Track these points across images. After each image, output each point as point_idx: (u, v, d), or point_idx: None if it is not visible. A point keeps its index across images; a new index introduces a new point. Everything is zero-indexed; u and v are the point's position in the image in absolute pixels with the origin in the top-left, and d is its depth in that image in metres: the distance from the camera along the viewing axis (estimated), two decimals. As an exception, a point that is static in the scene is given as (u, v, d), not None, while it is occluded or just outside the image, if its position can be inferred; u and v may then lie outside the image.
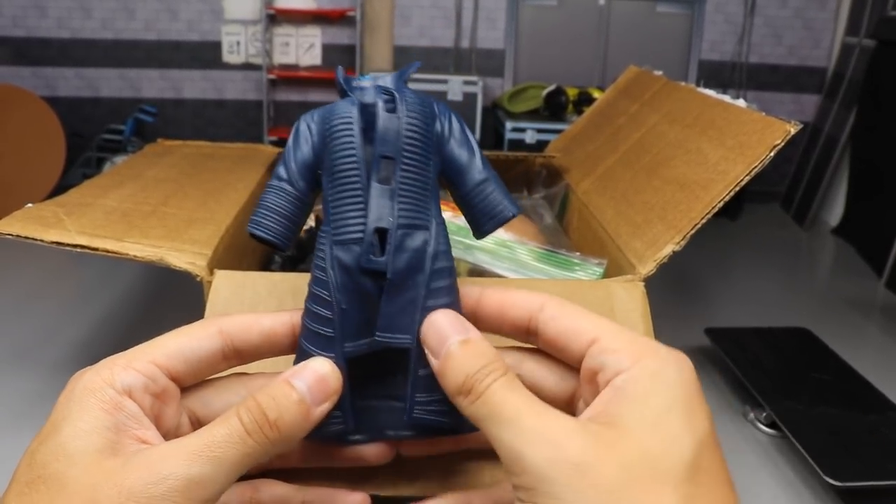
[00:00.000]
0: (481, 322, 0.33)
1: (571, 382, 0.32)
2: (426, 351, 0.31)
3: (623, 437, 0.26)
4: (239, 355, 0.33)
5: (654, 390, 0.27)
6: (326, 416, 0.31)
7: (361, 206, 0.31)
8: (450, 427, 0.33)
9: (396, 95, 0.32)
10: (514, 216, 0.34)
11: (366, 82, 0.33)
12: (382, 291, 0.31)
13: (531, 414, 0.27)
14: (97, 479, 0.26)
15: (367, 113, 0.32)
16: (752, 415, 0.65)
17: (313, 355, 0.32)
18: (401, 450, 0.35)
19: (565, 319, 0.31)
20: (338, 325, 0.32)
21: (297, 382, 0.30)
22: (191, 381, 0.32)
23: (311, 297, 0.32)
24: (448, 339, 0.30)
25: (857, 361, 0.73)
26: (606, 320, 0.30)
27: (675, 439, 0.26)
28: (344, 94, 0.33)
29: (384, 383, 0.33)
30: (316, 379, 0.30)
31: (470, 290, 0.34)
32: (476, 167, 0.34)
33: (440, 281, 0.32)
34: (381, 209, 0.31)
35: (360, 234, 0.31)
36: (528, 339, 0.33)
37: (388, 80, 0.33)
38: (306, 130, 0.33)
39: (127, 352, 0.31)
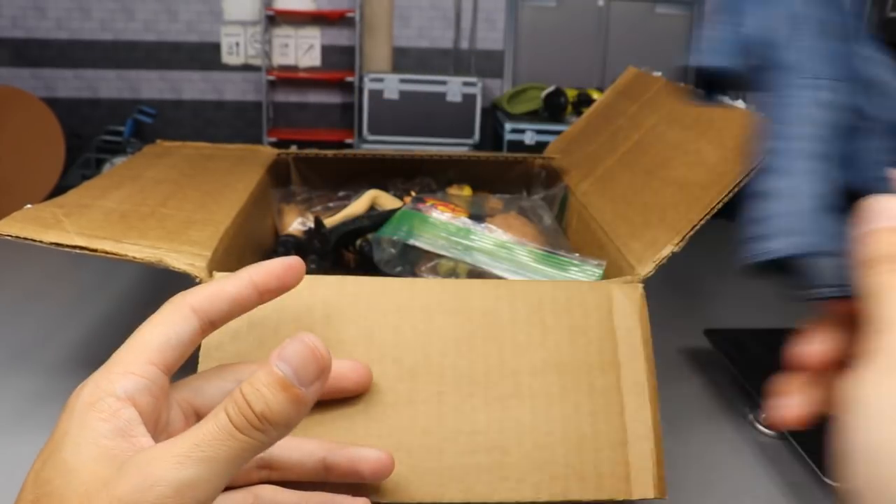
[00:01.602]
0: None
1: None
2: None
3: None
4: (213, 325, 0.33)
5: None
6: None
7: None
8: None
9: None
10: None
11: None
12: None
13: None
14: (92, 490, 0.26)
15: None
16: (751, 416, 0.65)
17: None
18: None
19: None
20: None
21: (281, 365, 0.28)
22: (178, 365, 0.32)
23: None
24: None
25: (856, 362, 0.73)
26: None
27: None
28: None
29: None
30: (300, 359, 0.28)
31: None
32: None
33: None
34: None
35: None
36: None
37: None
38: None
39: (116, 357, 0.31)
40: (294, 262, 0.35)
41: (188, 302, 0.33)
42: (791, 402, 0.30)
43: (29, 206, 0.55)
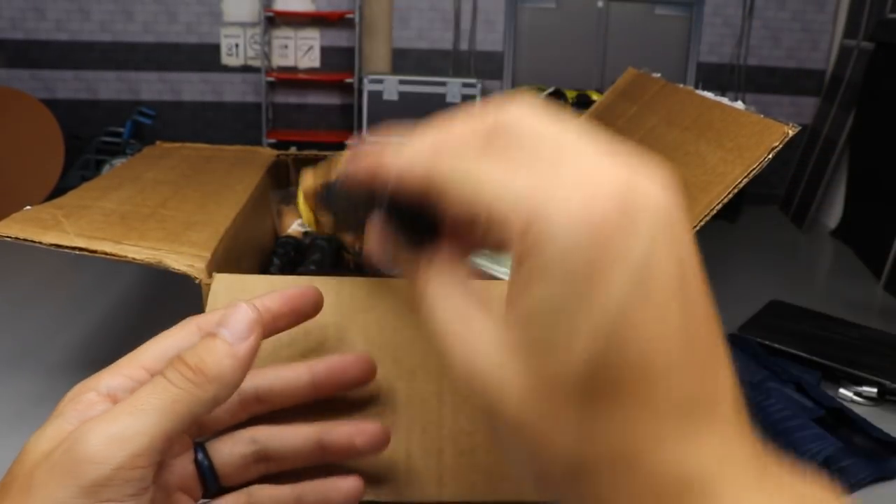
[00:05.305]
0: None
1: None
2: None
3: None
4: None
5: None
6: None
7: None
8: None
9: None
10: None
11: None
12: None
13: None
14: (35, 465, 0.27)
15: None
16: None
17: None
18: None
19: None
20: None
21: (218, 330, 0.30)
22: None
23: None
24: None
25: (855, 363, 0.73)
26: None
27: None
28: None
29: None
30: (233, 319, 0.31)
31: None
32: None
33: None
34: None
35: None
36: None
37: None
38: None
39: (119, 361, 0.32)
40: (309, 289, 0.35)
41: (196, 321, 0.34)
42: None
43: (28, 207, 0.55)
